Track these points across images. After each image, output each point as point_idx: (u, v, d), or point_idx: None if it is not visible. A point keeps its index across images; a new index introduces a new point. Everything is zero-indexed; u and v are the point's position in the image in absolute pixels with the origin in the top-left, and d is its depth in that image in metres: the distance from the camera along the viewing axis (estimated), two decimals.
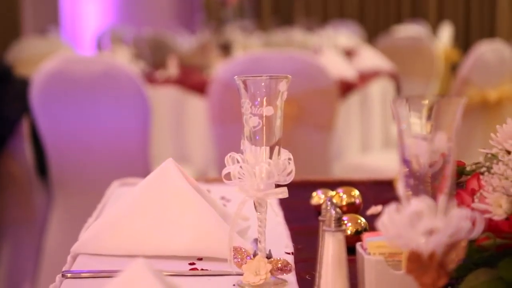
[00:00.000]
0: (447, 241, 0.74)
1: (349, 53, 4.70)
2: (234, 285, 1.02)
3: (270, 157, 1.03)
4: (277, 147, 1.03)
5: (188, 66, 4.10)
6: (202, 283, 1.03)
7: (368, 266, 0.93)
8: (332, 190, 1.38)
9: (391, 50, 5.09)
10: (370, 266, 0.93)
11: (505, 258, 0.85)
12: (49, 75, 2.93)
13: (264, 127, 1.02)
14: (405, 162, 0.78)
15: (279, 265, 1.03)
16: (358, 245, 0.98)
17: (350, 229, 1.17)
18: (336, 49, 4.21)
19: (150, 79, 3.50)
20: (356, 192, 1.33)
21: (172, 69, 3.84)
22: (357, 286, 0.97)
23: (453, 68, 4.83)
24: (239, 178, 1.02)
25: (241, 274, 1.02)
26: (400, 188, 0.77)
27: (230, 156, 1.03)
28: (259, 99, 1.02)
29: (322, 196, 1.37)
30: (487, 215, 0.88)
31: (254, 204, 1.03)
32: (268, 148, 1.03)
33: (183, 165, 3.29)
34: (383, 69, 4.07)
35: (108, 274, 1.03)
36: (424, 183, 0.77)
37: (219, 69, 3.20)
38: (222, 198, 1.48)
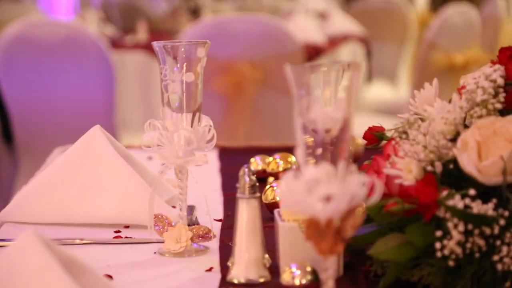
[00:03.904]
0: (344, 208, 0.74)
1: (323, 17, 4.66)
2: (155, 252, 1.02)
3: (192, 124, 1.02)
4: (197, 114, 1.02)
5: (159, 31, 4.06)
6: (124, 250, 1.03)
7: (282, 233, 0.93)
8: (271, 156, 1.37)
9: (365, 13, 5.06)
10: (284, 233, 0.93)
11: (413, 223, 0.85)
12: (11, 39, 2.90)
13: (184, 94, 1.01)
14: (305, 128, 0.77)
15: (201, 232, 1.02)
16: (276, 212, 0.97)
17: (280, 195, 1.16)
18: (308, 13, 4.17)
19: (118, 44, 3.46)
20: (292, 158, 1.32)
21: (142, 34, 3.80)
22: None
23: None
24: (159, 145, 1.01)
25: (163, 242, 1.02)
26: (299, 155, 0.76)
27: (149, 122, 1.02)
28: (178, 65, 1.01)
29: (260, 163, 1.36)
30: (398, 180, 0.88)
31: (175, 171, 1.03)
32: (189, 114, 1.02)
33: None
34: (353, 34, 4.04)
35: None
36: (324, 149, 0.76)
37: (185, 33, 3.17)
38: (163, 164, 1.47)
